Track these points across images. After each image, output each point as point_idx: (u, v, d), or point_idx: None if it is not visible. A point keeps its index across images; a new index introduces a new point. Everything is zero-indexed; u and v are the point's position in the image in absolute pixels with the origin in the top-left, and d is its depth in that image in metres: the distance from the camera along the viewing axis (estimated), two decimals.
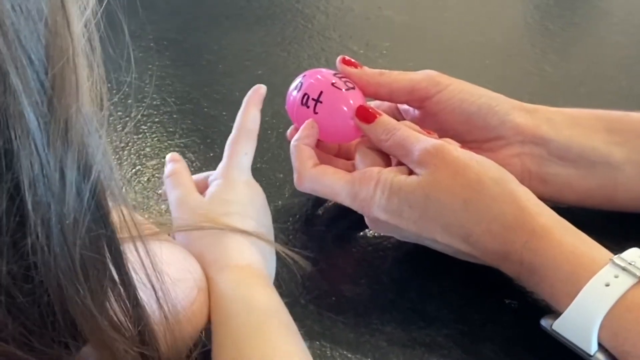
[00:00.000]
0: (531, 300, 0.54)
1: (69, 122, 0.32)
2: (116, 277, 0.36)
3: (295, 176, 0.59)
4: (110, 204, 0.36)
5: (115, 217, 0.36)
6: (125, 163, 0.68)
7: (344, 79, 0.60)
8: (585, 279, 0.47)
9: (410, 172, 0.55)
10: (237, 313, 0.46)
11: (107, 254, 0.36)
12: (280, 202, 0.64)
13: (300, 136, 0.59)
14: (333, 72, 0.61)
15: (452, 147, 0.55)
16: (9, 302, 0.33)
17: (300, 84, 0.61)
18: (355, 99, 0.59)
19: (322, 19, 0.93)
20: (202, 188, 0.57)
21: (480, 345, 0.52)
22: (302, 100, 0.60)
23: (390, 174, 0.55)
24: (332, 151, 0.63)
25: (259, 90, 0.61)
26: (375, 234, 0.61)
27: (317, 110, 0.59)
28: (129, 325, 0.38)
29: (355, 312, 0.55)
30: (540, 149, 0.59)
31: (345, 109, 0.58)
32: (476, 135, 0.60)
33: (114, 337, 0.37)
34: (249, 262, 0.51)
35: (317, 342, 0.52)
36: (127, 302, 0.37)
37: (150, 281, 0.39)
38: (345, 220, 0.62)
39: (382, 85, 0.61)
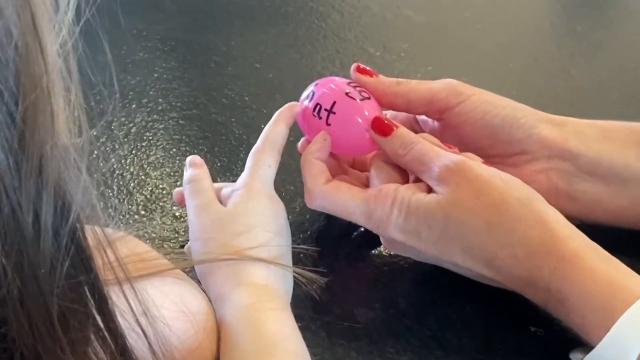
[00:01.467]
0: (559, 329, 0.50)
1: (44, 159, 0.29)
2: (101, 324, 0.33)
3: (305, 193, 0.55)
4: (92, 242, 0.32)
5: (99, 260, 0.33)
6: (127, 174, 0.64)
7: (358, 89, 0.56)
8: (619, 311, 0.44)
9: (430, 190, 0.51)
10: (245, 338, 0.44)
11: (90, 301, 0.32)
12: (290, 217, 0.60)
13: (312, 150, 0.55)
14: (347, 80, 0.57)
15: (474, 163, 0.51)
16: None
17: (312, 93, 0.57)
18: (370, 109, 0.55)
19: (337, 18, 0.89)
20: (219, 198, 0.54)
21: None
22: (314, 111, 0.56)
23: (408, 191, 0.51)
24: (345, 162, 0.60)
25: (292, 108, 0.58)
26: (391, 253, 0.57)
27: (329, 122, 0.55)
28: None
29: (369, 339, 0.51)
30: (569, 164, 0.55)
31: (359, 120, 0.55)
32: (500, 150, 0.56)
33: None
34: (266, 282, 0.48)
35: None
36: (114, 349, 0.34)
37: (140, 326, 0.36)
38: (358, 238, 0.58)
39: (399, 96, 0.57)
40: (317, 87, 0.57)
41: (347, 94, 0.55)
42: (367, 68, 0.57)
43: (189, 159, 0.57)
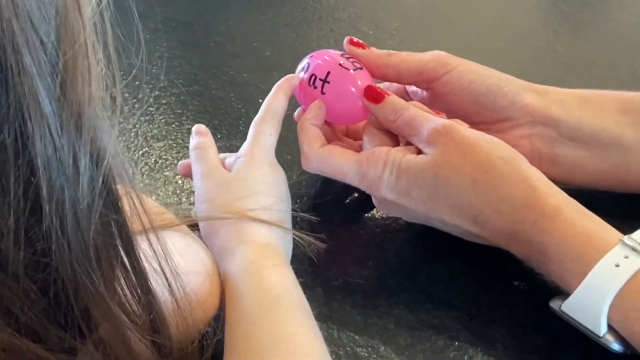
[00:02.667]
0: (540, 282, 0.54)
1: (82, 107, 0.32)
2: (127, 263, 0.36)
3: (302, 157, 0.58)
4: (120, 190, 0.36)
5: (127, 205, 0.36)
6: (132, 145, 0.68)
7: (351, 60, 0.59)
8: (595, 260, 0.47)
9: (419, 152, 0.54)
10: (249, 292, 0.46)
11: (118, 240, 0.35)
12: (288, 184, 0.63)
13: (308, 116, 0.58)
14: (341, 52, 0.60)
15: (461, 126, 0.54)
16: (23, 290, 0.33)
17: (307, 65, 0.60)
18: (363, 79, 0.58)
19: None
20: (224, 166, 0.57)
21: (488, 328, 0.52)
22: (309, 81, 0.59)
23: (398, 153, 0.54)
24: (340, 131, 0.63)
25: (291, 80, 0.61)
26: (384, 216, 0.60)
27: (324, 91, 0.58)
28: (141, 312, 0.38)
29: (363, 294, 0.54)
30: (551, 130, 0.58)
31: (353, 89, 0.58)
32: (485, 117, 0.59)
33: (126, 324, 0.37)
34: (269, 241, 0.51)
35: (325, 325, 0.52)
36: (138, 289, 0.37)
37: (161, 268, 0.39)
38: (353, 202, 0.61)
39: (390, 66, 0.60)
40: (312, 59, 0.60)
41: (340, 64, 0.58)
42: (360, 41, 0.60)
43: (195, 127, 0.60)
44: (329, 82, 0.58)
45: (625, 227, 0.49)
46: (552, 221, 0.50)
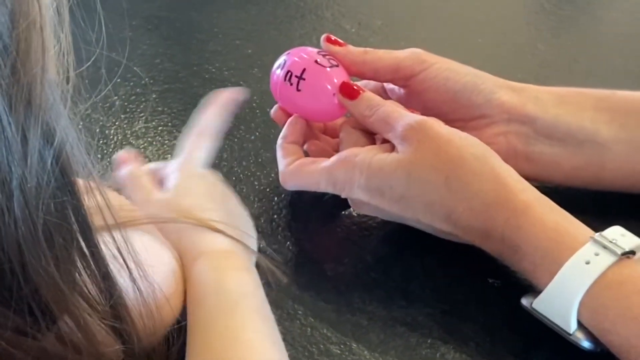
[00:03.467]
0: (514, 280, 0.54)
1: (33, 87, 0.32)
2: (84, 247, 0.36)
3: (279, 177, 0.59)
4: (78, 174, 0.35)
5: (89, 202, 0.36)
6: (111, 142, 0.68)
7: (328, 57, 0.59)
8: (566, 257, 0.47)
9: (393, 149, 0.55)
10: (207, 297, 0.46)
11: (74, 223, 0.35)
12: (265, 182, 0.64)
13: (284, 134, 0.59)
14: (317, 50, 0.60)
15: (435, 122, 0.54)
16: None
17: (284, 62, 0.60)
18: (338, 76, 0.58)
19: None
20: (156, 180, 0.56)
21: (461, 325, 0.52)
22: (285, 78, 0.59)
23: (368, 154, 0.55)
24: (318, 129, 0.63)
25: (226, 96, 0.62)
26: (360, 214, 0.60)
27: (300, 88, 0.58)
28: (100, 298, 0.38)
29: (337, 291, 0.54)
30: (526, 127, 0.58)
31: (328, 86, 0.58)
32: (461, 114, 0.59)
33: (83, 308, 0.36)
34: (230, 246, 0.50)
35: (298, 322, 0.52)
36: (97, 273, 0.37)
37: (122, 255, 0.39)
38: (330, 200, 0.61)
39: (367, 64, 0.60)
40: (289, 56, 0.60)
41: (316, 62, 0.59)
42: (337, 39, 0.61)
43: (118, 155, 0.59)
44: (304, 79, 0.58)
45: (599, 225, 0.49)
46: (523, 218, 0.50)
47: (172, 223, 0.50)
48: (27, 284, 0.34)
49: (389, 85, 0.63)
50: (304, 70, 0.58)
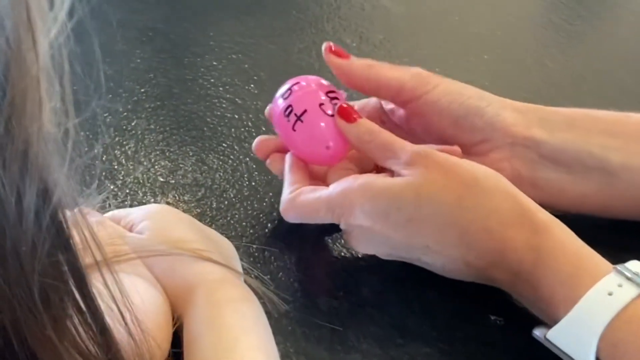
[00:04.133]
0: (518, 318, 0.51)
1: (28, 144, 0.30)
2: (81, 302, 0.34)
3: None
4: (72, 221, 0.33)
5: (77, 239, 0.34)
6: (99, 162, 0.65)
7: (334, 101, 0.55)
8: (587, 285, 0.45)
9: (392, 176, 0.52)
10: (205, 334, 0.44)
11: (70, 280, 0.33)
12: (258, 206, 0.61)
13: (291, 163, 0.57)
14: (327, 87, 0.56)
15: (439, 152, 0.51)
16: None
17: (288, 92, 0.56)
18: (337, 127, 0.55)
19: (315, 9, 0.89)
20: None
21: None
22: (284, 111, 0.56)
23: (370, 177, 0.52)
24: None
25: None
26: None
27: (295, 128, 0.55)
28: (98, 351, 0.36)
29: (331, 328, 0.52)
30: (531, 152, 0.56)
31: (324, 135, 0.55)
32: (464, 139, 0.56)
33: None
34: (222, 275, 0.48)
35: (288, 359, 0.49)
36: (94, 328, 0.35)
37: (118, 308, 0.37)
38: (327, 229, 0.59)
39: (370, 80, 0.57)
40: (296, 86, 0.56)
41: (320, 105, 0.55)
42: (339, 48, 0.57)
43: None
44: (302, 121, 0.55)
45: (607, 255, 0.47)
46: (544, 239, 0.48)
47: (162, 255, 0.48)
48: (22, 348, 0.32)
49: (388, 106, 0.60)
50: (304, 111, 0.55)
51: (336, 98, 0.56)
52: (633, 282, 0.44)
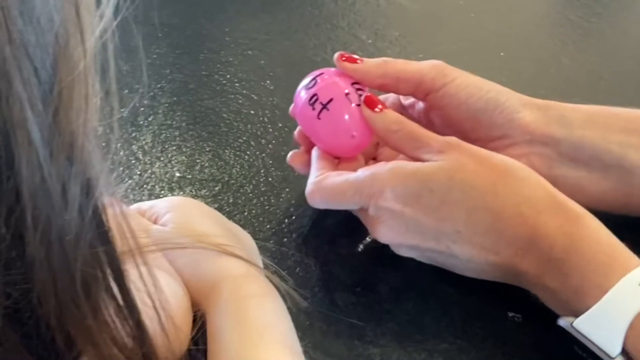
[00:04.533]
0: (536, 315, 0.51)
1: (75, 137, 0.31)
2: (118, 295, 0.35)
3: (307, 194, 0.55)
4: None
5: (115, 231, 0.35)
6: (117, 157, 0.65)
7: (360, 92, 0.56)
8: (619, 274, 0.45)
9: None
10: (229, 328, 0.44)
11: (109, 271, 0.34)
12: (275, 203, 0.61)
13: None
14: (352, 79, 0.57)
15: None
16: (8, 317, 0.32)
17: (314, 82, 0.56)
18: (363, 117, 0.55)
19: (331, 6, 0.89)
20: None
21: None
22: (309, 99, 0.56)
23: (401, 162, 0.52)
24: None
25: None
26: (374, 239, 0.57)
27: (321, 117, 0.55)
28: (132, 344, 0.36)
29: (349, 323, 0.52)
30: (550, 149, 0.55)
31: (349, 124, 0.55)
32: (481, 133, 0.56)
33: (116, 355, 0.35)
34: (246, 270, 0.48)
35: (307, 355, 0.49)
36: (130, 322, 0.36)
37: (152, 300, 0.38)
38: (343, 225, 0.59)
39: (389, 77, 0.57)
40: (321, 77, 0.57)
41: (346, 94, 0.55)
42: (350, 55, 0.57)
43: None
44: (328, 110, 0.55)
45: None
46: (577, 227, 0.48)
47: (186, 248, 0.48)
48: (62, 337, 0.33)
49: (407, 101, 0.60)
50: (330, 100, 0.55)
51: (361, 89, 0.56)
52: None
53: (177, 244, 0.48)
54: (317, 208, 0.55)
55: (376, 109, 0.54)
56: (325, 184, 0.53)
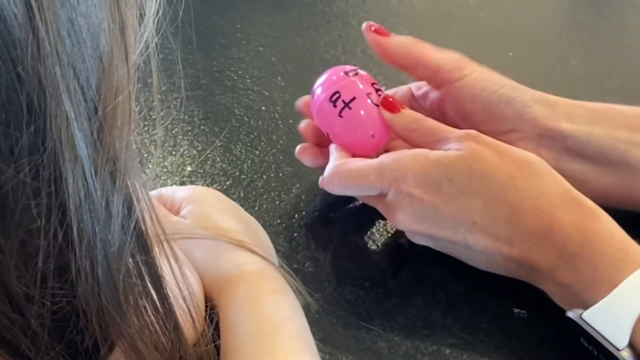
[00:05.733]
0: (541, 310, 0.52)
1: (118, 152, 0.32)
2: (157, 302, 0.36)
3: (323, 179, 0.56)
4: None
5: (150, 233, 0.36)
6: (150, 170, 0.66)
7: (380, 92, 0.57)
8: (631, 269, 0.46)
9: None
10: (244, 323, 0.44)
11: (148, 279, 0.35)
12: (286, 198, 0.62)
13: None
14: (371, 79, 0.58)
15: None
16: (37, 331, 0.32)
17: (330, 81, 0.58)
18: (382, 119, 0.56)
19: (341, 3, 0.90)
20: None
21: (486, 357, 0.50)
22: (330, 97, 0.57)
23: (424, 150, 0.53)
24: None
25: None
26: (383, 234, 0.58)
27: (342, 114, 0.56)
28: (171, 348, 0.38)
29: (357, 316, 0.52)
30: (558, 144, 0.57)
31: (370, 124, 0.56)
32: (493, 126, 0.57)
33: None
34: (259, 268, 0.48)
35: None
36: (168, 326, 0.37)
37: (186, 305, 0.40)
38: (353, 220, 0.60)
39: (409, 58, 0.59)
40: (343, 75, 0.58)
41: (368, 94, 0.56)
42: (380, 27, 0.59)
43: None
44: (350, 108, 0.56)
45: None
46: (592, 222, 0.49)
47: (205, 239, 0.49)
48: (104, 343, 0.34)
49: (419, 92, 0.62)
50: (353, 99, 0.56)
51: (379, 89, 0.57)
52: None
53: (197, 234, 0.49)
54: (329, 199, 0.56)
55: (394, 110, 0.56)
56: (346, 167, 0.55)
